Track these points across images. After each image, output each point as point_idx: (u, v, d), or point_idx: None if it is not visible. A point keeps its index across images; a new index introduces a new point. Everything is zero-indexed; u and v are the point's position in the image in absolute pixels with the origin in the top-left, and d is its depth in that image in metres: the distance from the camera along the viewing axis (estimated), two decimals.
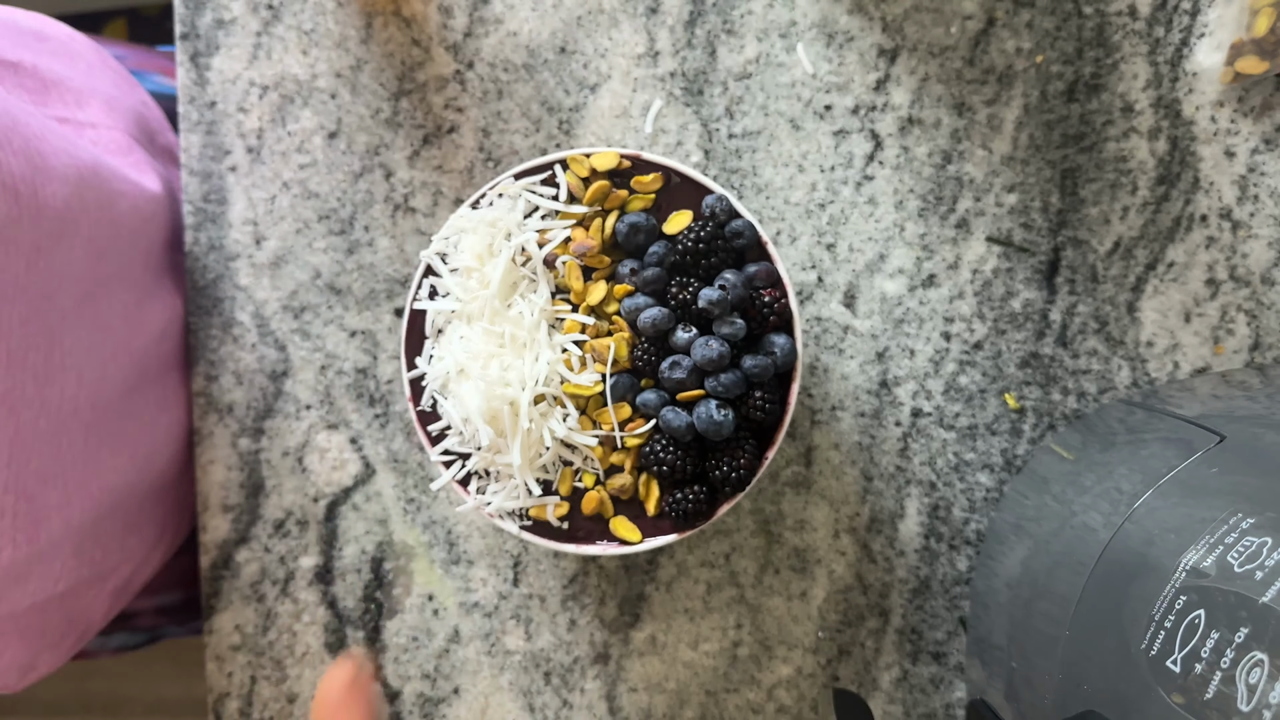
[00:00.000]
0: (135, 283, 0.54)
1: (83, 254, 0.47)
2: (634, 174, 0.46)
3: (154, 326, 0.55)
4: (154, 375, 0.55)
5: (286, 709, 0.57)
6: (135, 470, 0.54)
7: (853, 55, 0.54)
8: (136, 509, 0.55)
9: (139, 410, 0.54)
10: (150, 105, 0.62)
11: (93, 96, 0.55)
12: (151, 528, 0.57)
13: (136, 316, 0.53)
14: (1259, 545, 0.31)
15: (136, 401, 0.54)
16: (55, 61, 0.54)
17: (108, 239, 0.49)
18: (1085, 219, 0.53)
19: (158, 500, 0.57)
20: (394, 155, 0.56)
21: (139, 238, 0.53)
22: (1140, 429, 0.46)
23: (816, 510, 0.54)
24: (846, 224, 0.54)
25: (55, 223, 0.44)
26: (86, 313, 0.48)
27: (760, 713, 0.55)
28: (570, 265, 0.46)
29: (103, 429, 0.51)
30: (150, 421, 0.55)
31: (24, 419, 0.44)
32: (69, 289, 0.46)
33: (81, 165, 0.47)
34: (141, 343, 0.53)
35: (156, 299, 0.56)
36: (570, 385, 0.45)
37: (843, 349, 0.54)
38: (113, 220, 0.50)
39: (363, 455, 0.56)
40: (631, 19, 0.55)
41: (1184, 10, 0.52)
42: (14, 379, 0.43)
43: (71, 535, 0.49)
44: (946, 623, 0.54)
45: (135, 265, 0.53)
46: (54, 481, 0.47)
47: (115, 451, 0.52)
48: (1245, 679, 0.29)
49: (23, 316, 0.43)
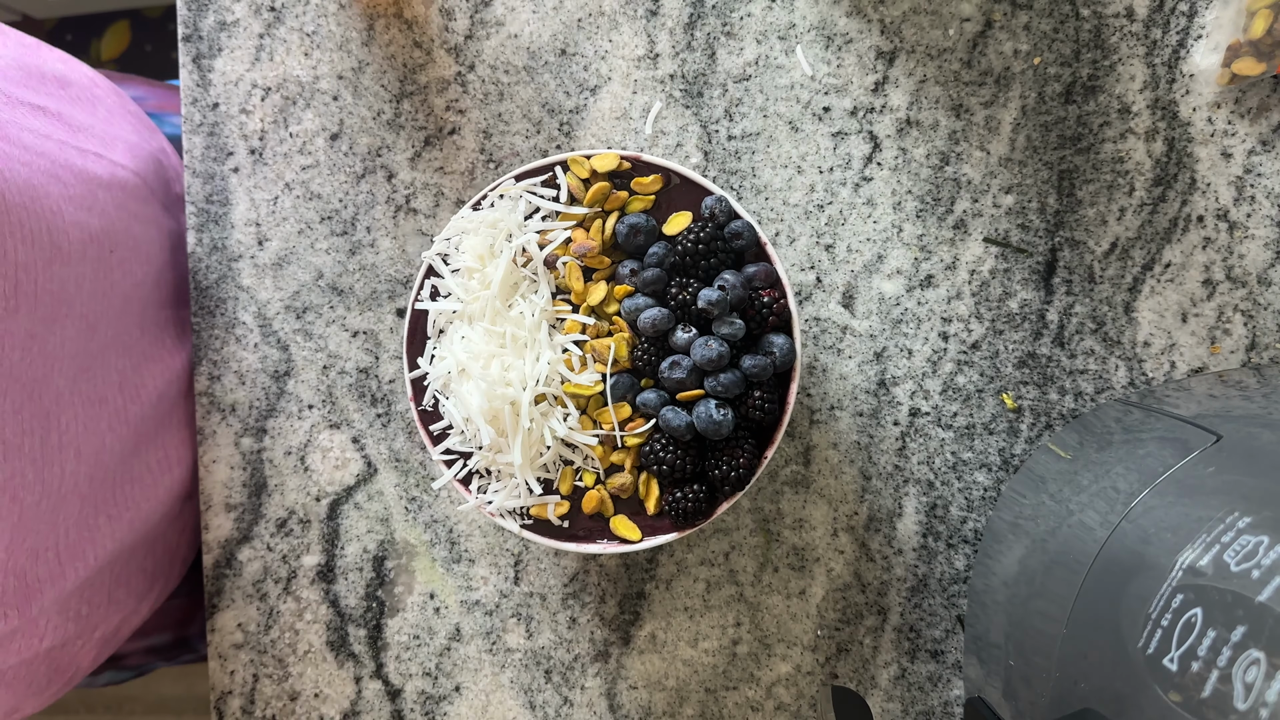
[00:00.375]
0: (131, 348, 0.53)
1: (75, 332, 0.47)
2: (634, 175, 0.47)
3: (151, 390, 0.54)
4: (152, 437, 0.55)
5: (289, 707, 0.57)
6: (131, 533, 0.54)
7: (851, 57, 0.54)
8: (126, 565, 0.55)
9: (138, 474, 0.54)
10: (169, 153, 0.62)
11: (117, 141, 0.55)
12: (141, 579, 0.57)
13: (133, 383, 0.53)
14: (1255, 544, 0.32)
15: (135, 466, 0.53)
16: (78, 109, 0.53)
17: (100, 312, 0.49)
18: (1082, 220, 0.53)
19: (148, 552, 0.57)
20: (396, 157, 0.56)
21: (132, 304, 0.53)
22: (1137, 429, 0.46)
23: (815, 509, 0.54)
24: (845, 225, 0.54)
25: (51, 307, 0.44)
26: (81, 389, 0.48)
27: (759, 710, 0.55)
28: (571, 266, 0.46)
29: (100, 498, 0.50)
30: (151, 483, 0.55)
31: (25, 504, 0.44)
32: (63, 368, 0.46)
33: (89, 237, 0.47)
34: (138, 409, 0.53)
35: (154, 361, 0.55)
36: (571, 385, 0.45)
37: (841, 349, 0.54)
38: (105, 293, 0.49)
39: (365, 454, 0.57)
40: (631, 21, 0.55)
41: (1181, 12, 0.52)
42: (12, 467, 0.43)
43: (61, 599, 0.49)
44: (944, 621, 0.54)
45: (130, 331, 0.53)
46: (48, 555, 0.47)
47: (112, 518, 0.52)
48: (1242, 677, 0.29)
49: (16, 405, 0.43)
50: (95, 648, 0.55)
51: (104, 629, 0.54)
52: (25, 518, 0.44)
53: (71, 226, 0.45)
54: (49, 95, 0.51)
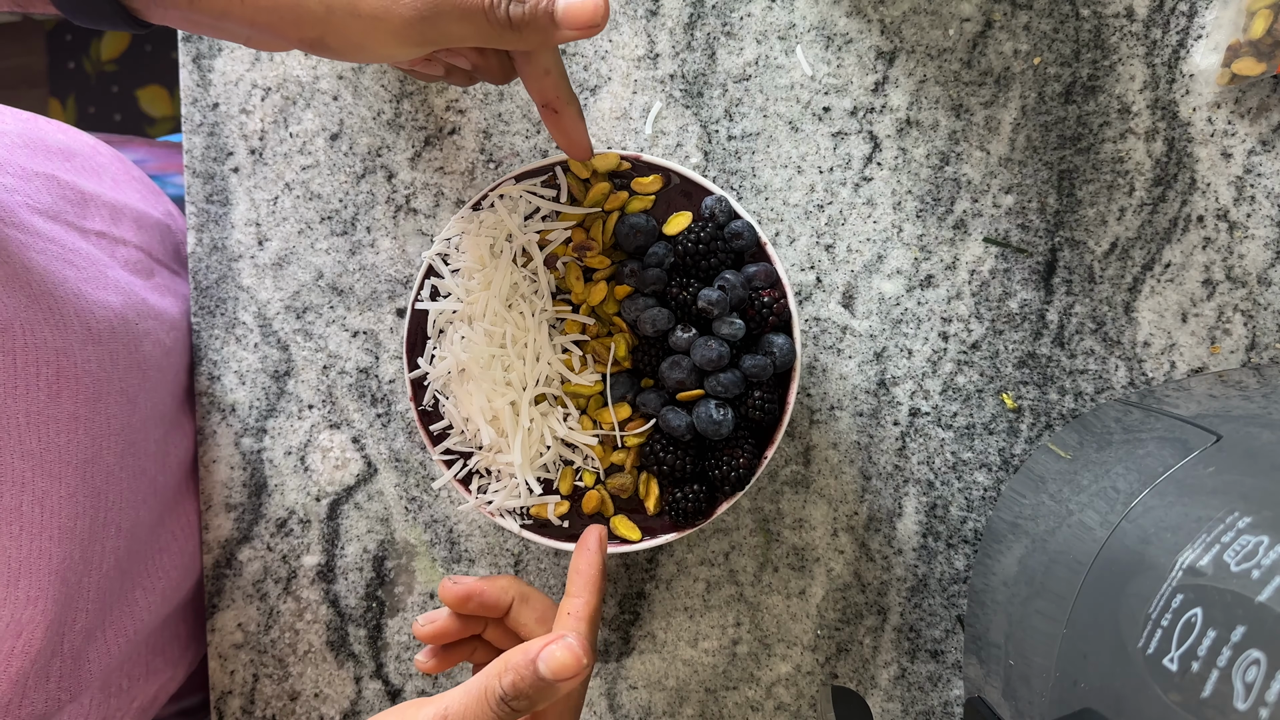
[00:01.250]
0: (165, 417, 0.53)
1: (118, 408, 0.47)
2: (634, 175, 0.47)
3: (176, 458, 0.55)
4: (174, 504, 0.55)
5: (289, 707, 0.57)
6: (165, 602, 0.54)
7: (851, 57, 0.54)
8: (161, 634, 0.55)
9: (165, 543, 0.54)
10: (175, 215, 0.62)
11: (124, 211, 0.55)
12: (176, 646, 0.57)
13: (164, 451, 0.53)
14: (1255, 544, 0.32)
15: (163, 535, 0.54)
16: (84, 178, 0.53)
17: (137, 384, 0.49)
18: (1082, 220, 0.53)
19: (181, 619, 0.57)
20: (396, 157, 0.56)
21: (164, 372, 0.53)
22: (1137, 428, 0.46)
23: (815, 509, 0.55)
24: (845, 225, 0.54)
25: (92, 387, 0.45)
26: (128, 463, 0.48)
27: (759, 710, 0.55)
28: (571, 266, 0.46)
29: (136, 571, 0.51)
30: (177, 550, 0.55)
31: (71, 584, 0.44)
32: (111, 445, 0.46)
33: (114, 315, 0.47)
34: (165, 478, 0.53)
35: (179, 428, 0.56)
36: (571, 385, 0.45)
37: (841, 349, 0.54)
38: (140, 364, 0.50)
39: (365, 454, 0.57)
40: (631, 21, 0.55)
41: (1181, 12, 0.52)
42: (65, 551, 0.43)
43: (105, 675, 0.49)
44: (944, 621, 0.54)
45: (164, 400, 0.53)
46: (96, 634, 0.47)
47: (147, 590, 0.52)
48: (1242, 677, 0.29)
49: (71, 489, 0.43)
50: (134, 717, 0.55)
51: (142, 699, 0.55)
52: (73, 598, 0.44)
53: (96, 306, 0.46)
54: (56, 166, 0.52)
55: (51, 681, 0.44)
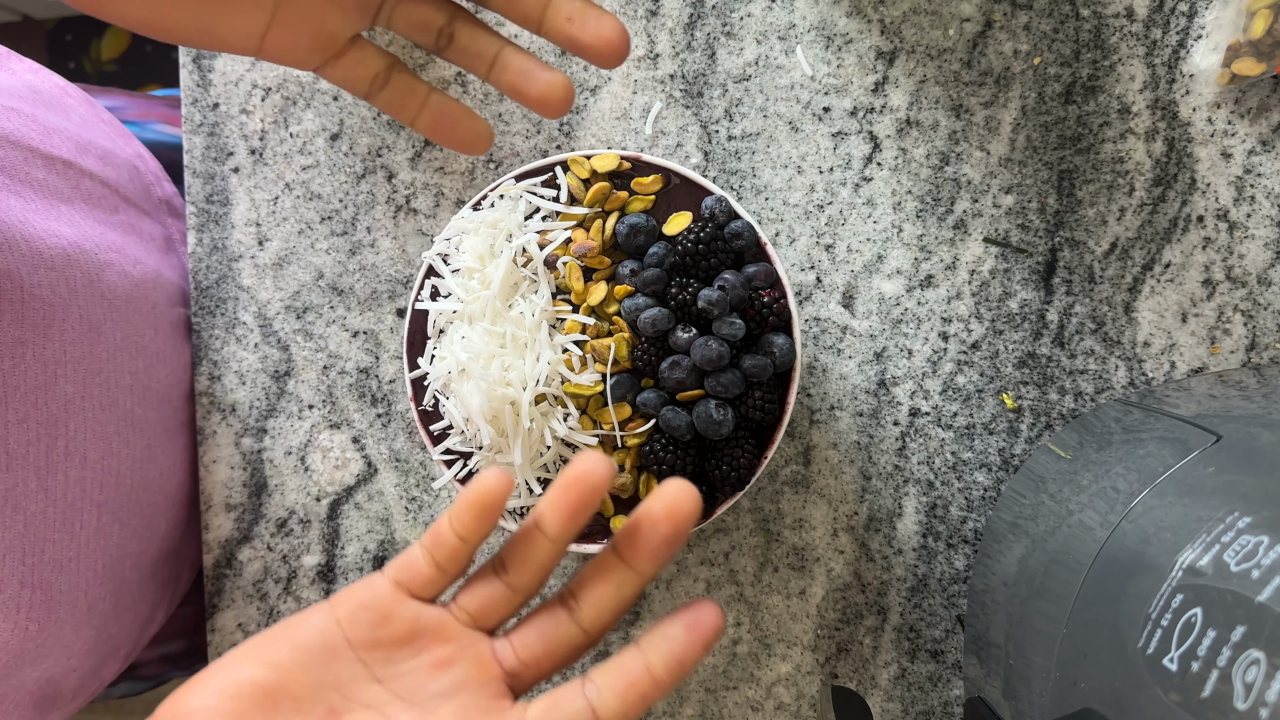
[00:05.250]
0: (143, 350, 0.53)
1: (77, 335, 0.46)
2: (634, 176, 0.47)
3: (158, 392, 0.54)
4: (160, 441, 0.55)
5: None
6: (143, 540, 0.54)
7: (851, 58, 0.54)
8: (141, 573, 0.55)
9: (149, 479, 0.53)
10: (146, 158, 0.62)
11: (89, 147, 0.55)
12: (155, 587, 0.57)
13: (144, 385, 0.52)
14: (1255, 544, 0.32)
15: (148, 471, 0.53)
16: (52, 114, 0.53)
17: (102, 314, 0.48)
18: (1082, 220, 0.53)
19: (162, 559, 0.57)
20: (396, 157, 0.56)
21: (137, 304, 0.52)
22: (1137, 429, 0.46)
23: (815, 509, 0.55)
24: (845, 225, 0.54)
25: (41, 312, 0.44)
26: (92, 393, 0.48)
27: (759, 710, 0.55)
28: (571, 266, 0.46)
29: (114, 505, 0.50)
30: (160, 488, 0.55)
31: (30, 512, 0.44)
32: (69, 374, 0.46)
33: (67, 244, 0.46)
34: (145, 412, 0.53)
35: (163, 362, 0.55)
36: (571, 385, 0.45)
37: (841, 349, 0.54)
38: (104, 294, 0.49)
39: (365, 454, 0.57)
40: (631, 21, 0.55)
41: (1181, 12, 0.52)
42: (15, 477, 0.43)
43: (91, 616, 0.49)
44: (944, 621, 0.54)
45: (142, 333, 0.52)
46: (69, 565, 0.47)
47: (125, 525, 0.51)
48: (1242, 677, 0.29)
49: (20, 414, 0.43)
50: (119, 662, 0.55)
51: (125, 641, 0.54)
52: (32, 526, 0.44)
53: (46, 234, 0.45)
54: (23, 100, 0.51)
55: (21, 612, 0.44)
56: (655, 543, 0.32)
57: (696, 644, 0.31)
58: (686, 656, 0.31)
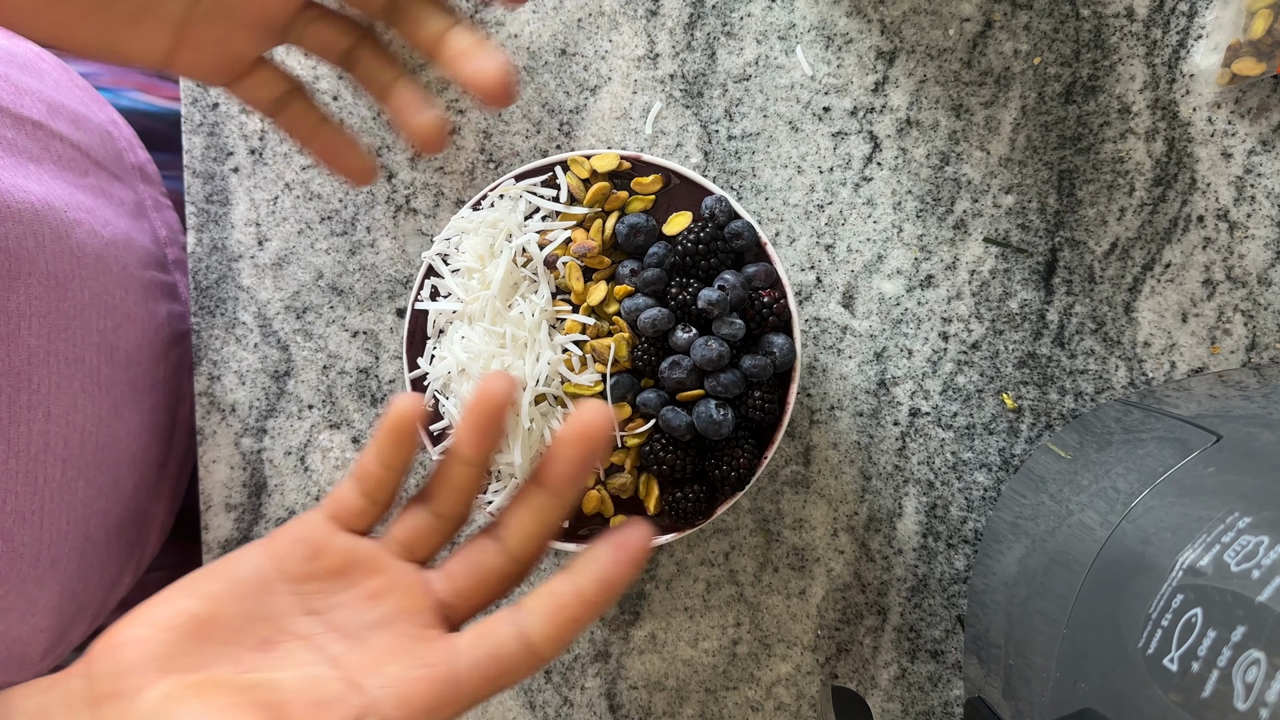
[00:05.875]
0: (113, 309, 0.53)
1: (43, 289, 0.46)
2: (634, 175, 0.47)
3: (126, 352, 0.54)
4: (129, 400, 0.55)
5: None
6: (109, 499, 0.54)
7: (851, 57, 0.54)
8: (107, 533, 0.55)
9: (116, 438, 0.53)
10: (120, 124, 0.62)
11: (61, 110, 0.55)
12: (121, 548, 0.57)
13: (111, 344, 0.52)
14: (1256, 544, 0.32)
15: (115, 429, 0.53)
16: (25, 75, 0.53)
17: (70, 270, 0.48)
18: (1082, 220, 0.53)
19: (131, 521, 0.57)
20: (396, 157, 0.56)
21: (107, 264, 0.52)
22: (1137, 429, 0.46)
23: (815, 509, 0.55)
24: (845, 225, 0.54)
25: (6, 264, 0.44)
26: (57, 348, 0.48)
27: (759, 710, 0.55)
28: (571, 266, 0.46)
29: (80, 461, 0.50)
30: (127, 448, 0.55)
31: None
32: (33, 327, 0.46)
33: (35, 199, 0.47)
34: (112, 371, 0.53)
35: (132, 323, 0.55)
36: (571, 385, 0.45)
37: (841, 349, 0.54)
38: (72, 251, 0.49)
39: None
40: (631, 21, 0.55)
41: (1181, 12, 0.52)
42: None
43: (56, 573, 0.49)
44: (944, 621, 0.54)
45: (111, 292, 0.52)
46: (32, 518, 0.47)
47: (90, 483, 0.51)
48: (1242, 677, 0.29)
49: None
50: (86, 623, 0.55)
51: (91, 601, 0.54)
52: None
53: (12, 188, 0.45)
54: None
55: None
56: (569, 465, 0.33)
57: (624, 563, 0.32)
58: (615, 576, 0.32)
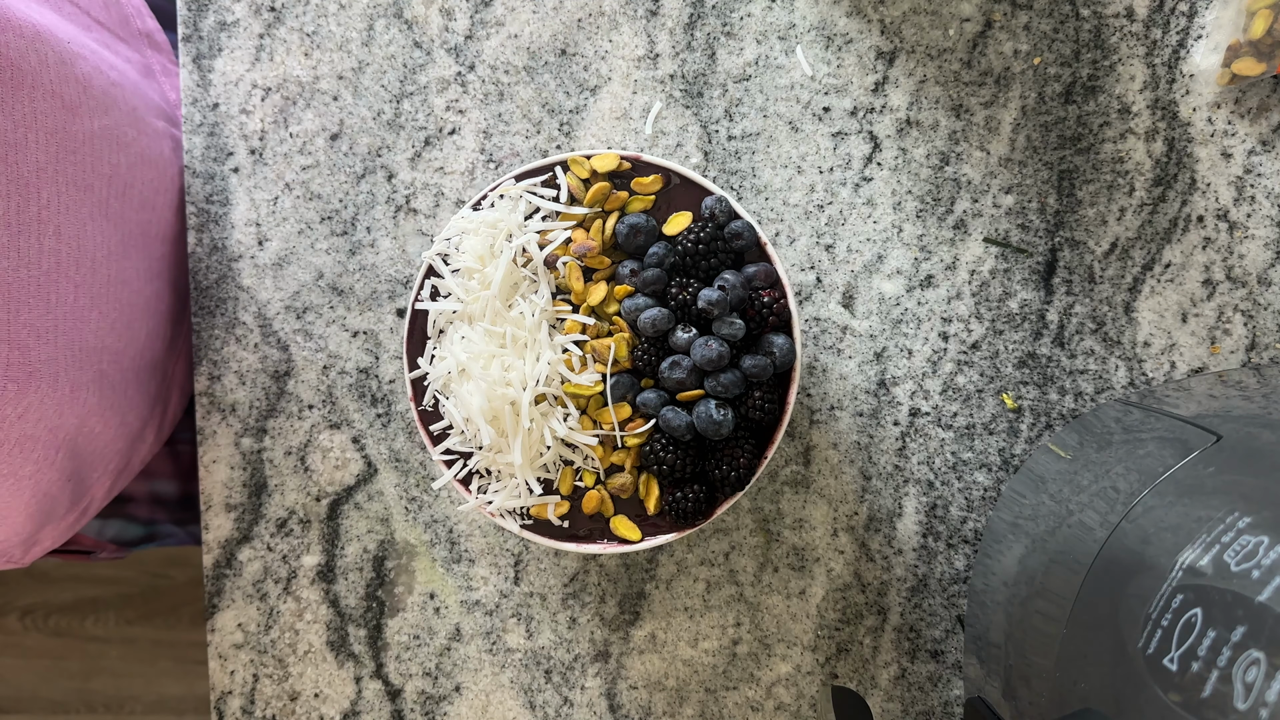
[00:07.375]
0: (126, 146, 0.53)
1: (49, 107, 0.47)
2: (634, 175, 0.47)
3: (140, 194, 0.54)
4: (138, 243, 0.55)
5: (289, 707, 0.57)
6: (129, 339, 0.54)
7: (851, 58, 0.54)
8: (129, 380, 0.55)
9: (127, 276, 0.54)
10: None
11: None
12: (143, 399, 0.57)
13: (125, 181, 0.53)
14: (1255, 544, 0.32)
15: (126, 268, 0.53)
16: None
17: (77, 96, 0.49)
18: (1082, 220, 0.53)
19: (150, 373, 0.58)
20: (396, 157, 0.56)
21: (115, 100, 0.53)
22: (1137, 429, 0.46)
23: (815, 509, 0.55)
24: (845, 225, 0.54)
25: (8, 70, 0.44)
26: (66, 169, 0.48)
27: (759, 710, 0.55)
28: (571, 266, 0.46)
29: (91, 290, 0.51)
30: (139, 289, 0.55)
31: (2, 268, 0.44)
32: (41, 142, 0.46)
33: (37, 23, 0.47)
34: (120, 207, 0.53)
35: (148, 165, 0.55)
36: (571, 385, 0.45)
37: (841, 349, 0.54)
38: (77, 79, 0.49)
39: (365, 455, 0.57)
40: (631, 21, 0.55)
41: (1181, 12, 0.52)
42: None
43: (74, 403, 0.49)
44: (944, 621, 0.54)
45: (122, 127, 0.53)
46: (46, 335, 0.47)
47: (104, 315, 0.52)
48: (1242, 677, 0.29)
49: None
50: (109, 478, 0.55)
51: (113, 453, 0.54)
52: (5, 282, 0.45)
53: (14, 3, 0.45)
54: None
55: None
56: None
57: None
58: None
